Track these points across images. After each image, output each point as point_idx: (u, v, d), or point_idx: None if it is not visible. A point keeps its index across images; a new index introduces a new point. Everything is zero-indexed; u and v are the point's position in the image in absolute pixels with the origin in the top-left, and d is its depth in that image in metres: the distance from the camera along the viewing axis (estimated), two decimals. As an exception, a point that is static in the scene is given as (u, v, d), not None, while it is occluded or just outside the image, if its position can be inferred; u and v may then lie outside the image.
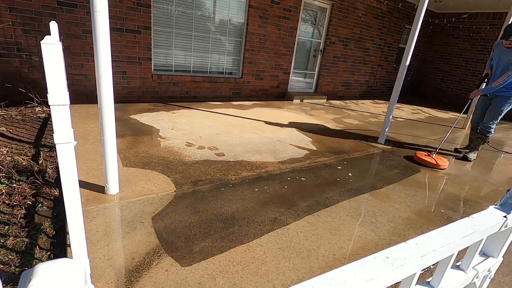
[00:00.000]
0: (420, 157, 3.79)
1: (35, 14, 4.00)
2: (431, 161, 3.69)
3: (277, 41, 6.54)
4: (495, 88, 3.68)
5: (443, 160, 3.76)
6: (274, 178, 2.87)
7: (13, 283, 1.49)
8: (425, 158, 3.75)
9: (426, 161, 3.71)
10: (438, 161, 3.68)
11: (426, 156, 3.81)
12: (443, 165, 3.69)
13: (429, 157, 3.77)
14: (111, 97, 2.00)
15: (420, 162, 3.77)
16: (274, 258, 1.80)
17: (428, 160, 3.71)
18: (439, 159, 3.74)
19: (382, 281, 0.55)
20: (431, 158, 3.73)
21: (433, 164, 3.67)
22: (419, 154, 3.87)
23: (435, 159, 3.71)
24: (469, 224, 0.76)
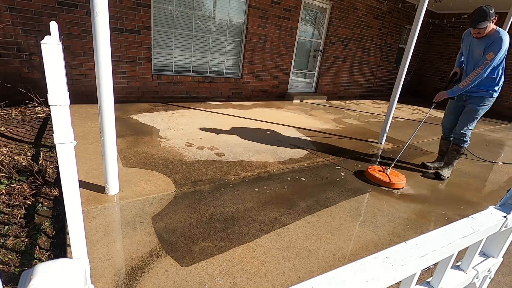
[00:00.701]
0: (372, 173, 3.12)
1: (35, 14, 4.00)
2: (383, 178, 3.01)
3: (277, 41, 6.54)
4: (463, 89, 3.02)
5: (399, 177, 3.10)
6: (274, 178, 2.87)
7: (13, 283, 1.49)
8: (377, 174, 3.09)
9: (378, 179, 3.04)
10: (392, 179, 3.02)
11: (379, 172, 3.14)
12: (399, 183, 3.00)
13: (382, 173, 3.12)
14: (111, 97, 2.00)
15: (371, 180, 3.11)
16: (274, 258, 1.80)
17: (379, 177, 3.04)
18: (394, 176, 3.10)
19: (382, 281, 0.55)
20: (384, 175, 3.07)
21: (386, 182, 2.99)
22: (371, 170, 3.18)
23: (388, 176, 3.05)
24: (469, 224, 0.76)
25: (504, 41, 2.76)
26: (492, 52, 2.78)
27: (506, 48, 2.81)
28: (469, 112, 3.20)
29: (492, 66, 2.85)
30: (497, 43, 2.77)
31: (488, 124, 7.49)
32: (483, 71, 2.86)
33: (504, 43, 2.76)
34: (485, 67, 2.84)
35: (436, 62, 10.41)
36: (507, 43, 2.79)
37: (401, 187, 3.03)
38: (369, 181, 3.09)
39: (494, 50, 2.77)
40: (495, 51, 2.77)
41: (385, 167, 3.19)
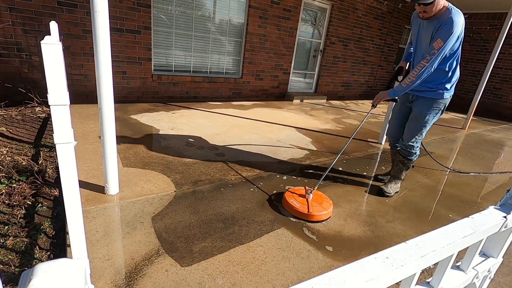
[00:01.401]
0: (288, 199, 2.29)
1: (35, 14, 4.00)
2: (299, 208, 2.20)
3: (277, 41, 6.54)
4: (406, 88, 2.30)
5: (323, 204, 2.28)
6: (274, 178, 2.87)
7: (13, 283, 1.49)
8: (293, 202, 2.26)
9: (293, 209, 2.23)
10: (312, 207, 2.20)
11: (298, 198, 2.32)
12: (319, 215, 2.19)
13: (301, 199, 2.30)
14: (111, 97, 2.00)
15: (287, 210, 2.30)
16: (274, 258, 1.80)
17: (294, 206, 2.22)
18: (316, 202, 2.29)
19: (382, 281, 0.55)
20: (302, 203, 2.25)
21: (303, 214, 2.18)
22: (289, 195, 2.35)
23: (308, 203, 2.24)
24: (469, 225, 0.76)
25: (455, 24, 2.04)
26: (441, 39, 2.08)
27: (458, 33, 2.09)
28: (415, 118, 2.52)
29: (443, 57, 2.15)
30: (446, 28, 2.06)
31: (487, 124, 7.49)
32: (429, 64, 2.16)
33: (456, 25, 2.04)
34: (431, 58, 2.14)
35: (436, 62, 10.39)
36: (461, 26, 2.07)
37: (322, 219, 2.22)
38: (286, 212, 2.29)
39: (442, 37, 2.07)
40: (444, 38, 2.07)
41: (308, 188, 2.41)
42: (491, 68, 5.77)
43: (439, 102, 2.41)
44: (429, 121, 2.48)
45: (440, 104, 2.42)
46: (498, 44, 5.62)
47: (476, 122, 7.45)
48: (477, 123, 7.43)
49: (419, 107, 2.49)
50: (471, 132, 6.25)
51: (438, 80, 2.34)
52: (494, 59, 5.72)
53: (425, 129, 2.52)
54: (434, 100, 2.41)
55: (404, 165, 2.75)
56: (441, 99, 2.40)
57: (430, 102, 2.43)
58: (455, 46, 2.18)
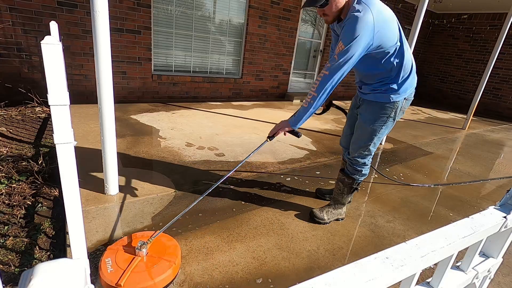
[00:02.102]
0: (102, 264, 1.48)
1: (35, 14, 4.00)
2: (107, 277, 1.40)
3: (277, 42, 6.54)
4: (308, 107, 1.76)
5: (160, 266, 1.50)
6: (274, 179, 2.87)
7: (13, 283, 1.49)
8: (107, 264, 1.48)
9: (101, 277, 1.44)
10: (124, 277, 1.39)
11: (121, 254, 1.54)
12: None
13: (129, 255, 1.54)
14: (111, 97, 2.00)
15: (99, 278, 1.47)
16: (274, 259, 1.80)
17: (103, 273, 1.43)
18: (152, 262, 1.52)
19: (382, 282, 0.55)
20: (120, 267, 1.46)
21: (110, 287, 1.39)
22: (110, 251, 1.56)
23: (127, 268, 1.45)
24: (469, 225, 0.76)
25: (359, 21, 1.54)
26: (342, 42, 1.60)
27: (365, 35, 1.56)
28: (360, 127, 2.03)
29: (349, 67, 1.62)
30: (347, 28, 1.59)
31: (487, 124, 7.49)
32: (330, 73, 1.64)
33: (359, 23, 1.54)
34: (331, 66, 1.63)
35: (436, 62, 10.41)
36: (367, 22, 1.54)
37: None
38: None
39: (343, 39, 1.60)
40: (345, 40, 1.59)
41: (146, 240, 1.58)
42: (491, 68, 5.77)
43: (386, 107, 1.87)
44: (376, 131, 1.94)
45: (388, 110, 1.88)
46: (498, 44, 5.62)
47: (476, 122, 7.46)
48: (477, 123, 7.43)
49: (363, 112, 2.00)
50: (471, 132, 6.26)
51: (382, 81, 1.85)
52: (494, 59, 5.72)
53: (371, 142, 1.98)
54: (379, 104, 1.89)
55: (345, 185, 2.16)
56: (388, 103, 1.86)
57: (375, 106, 1.91)
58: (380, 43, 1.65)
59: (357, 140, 2.05)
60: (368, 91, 1.93)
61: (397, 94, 1.84)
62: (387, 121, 1.92)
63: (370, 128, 1.95)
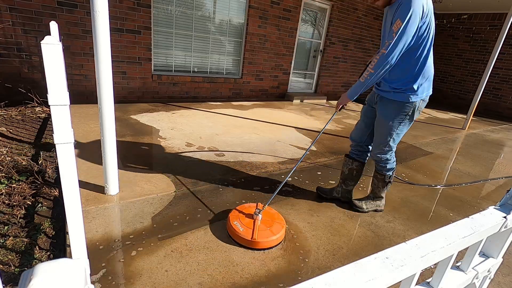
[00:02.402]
0: (231, 221, 1.93)
1: (35, 14, 4.00)
2: (242, 233, 1.84)
3: (277, 42, 6.54)
4: (365, 83, 1.96)
5: (272, 228, 1.92)
6: (274, 179, 2.87)
7: (13, 283, 1.49)
8: (236, 226, 1.89)
9: (236, 235, 1.87)
10: (255, 234, 1.84)
11: (245, 218, 1.97)
12: (265, 242, 1.84)
13: (247, 220, 1.95)
14: (111, 97, 2.00)
15: (230, 235, 1.94)
16: (274, 259, 1.80)
17: (237, 232, 1.86)
18: (264, 226, 1.93)
19: (382, 282, 0.55)
20: (248, 224, 1.91)
21: (247, 241, 1.83)
22: (233, 216, 1.99)
23: (254, 227, 1.89)
24: (469, 225, 0.76)
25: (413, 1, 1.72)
26: (399, 19, 1.75)
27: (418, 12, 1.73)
28: (379, 123, 2.15)
29: (405, 45, 1.79)
30: (403, 6, 1.74)
31: (487, 124, 7.50)
32: (387, 52, 1.80)
33: (414, 2, 1.72)
34: (390, 43, 1.79)
35: (436, 62, 10.40)
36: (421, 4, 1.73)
37: (269, 247, 1.87)
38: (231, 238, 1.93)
39: (401, 16, 1.75)
40: (402, 17, 1.74)
41: (259, 206, 2.04)
42: (491, 68, 5.78)
43: (406, 105, 2.00)
44: (394, 128, 2.07)
45: (407, 108, 2.01)
46: (498, 45, 5.62)
47: (476, 122, 7.46)
48: (477, 123, 7.43)
49: (382, 109, 2.11)
50: (471, 132, 6.26)
51: (403, 79, 1.97)
52: (494, 59, 5.72)
53: (390, 138, 2.10)
54: (398, 103, 2.01)
55: (378, 181, 2.35)
56: (407, 102, 1.99)
57: (394, 104, 2.04)
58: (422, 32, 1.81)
59: (378, 137, 2.20)
60: (388, 89, 2.04)
61: (415, 95, 1.97)
62: (405, 119, 2.06)
63: (389, 125, 2.08)
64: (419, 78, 1.94)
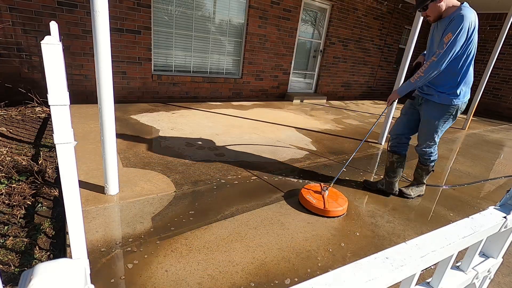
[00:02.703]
0: (304, 195, 2.42)
1: (35, 14, 4.00)
2: (315, 204, 2.32)
3: (277, 42, 6.54)
4: (414, 84, 2.29)
5: (338, 201, 2.40)
6: (274, 179, 2.87)
7: (13, 283, 1.49)
8: (310, 197, 2.39)
9: (309, 204, 2.36)
10: (327, 204, 2.32)
11: (314, 193, 2.46)
12: (335, 211, 2.31)
13: (317, 195, 2.43)
14: (111, 97, 2.00)
15: (303, 205, 2.42)
16: (274, 259, 1.80)
17: (310, 202, 2.35)
18: (331, 199, 2.41)
19: (382, 282, 0.55)
20: (319, 198, 2.39)
21: (318, 209, 2.31)
22: (305, 191, 2.48)
23: (324, 199, 2.36)
24: (469, 225, 0.76)
25: (465, 18, 2.03)
26: (450, 32, 2.07)
27: (468, 27, 2.06)
28: (425, 123, 2.48)
29: (453, 54, 2.11)
30: (455, 21, 2.06)
31: (487, 125, 7.49)
32: (438, 60, 2.13)
33: (466, 19, 2.03)
34: (440, 53, 2.12)
35: (436, 62, 10.40)
36: (470, 21, 2.05)
37: (338, 215, 2.34)
38: (303, 207, 2.40)
39: (452, 30, 2.07)
40: (453, 31, 2.06)
41: (324, 185, 2.52)
42: (491, 69, 5.78)
43: (449, 107, 2.31)
44: (439, 127, 2.40)
45: (451, 109, 2.32)
46: (498, 45, 5.62)
47: (476, 123, 7.46)
48: (477, 123, 7.43)
49: (427, 111, 2.43)
50: (471, 133, 6.26)
51: (447, 84, 2.27)
52: (494, 59, 5.73)
53: (436, 134, 2.45)
54: (442, 105, 2.32)
55: (423, 170, 2.74)
56: (450, 105, 2.30)
57: (438, 107, 2.34)
58: (467, 45, 2.14)
59: (424, 134, 2.51)
60: (434, 92, 2.35)
61: (458, 99, 2.30)
62: (449, 119, 2.37)
63: (435, 124, 2.41)
64: (461, 84, 2.27)
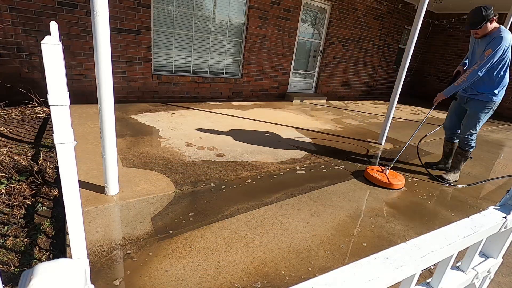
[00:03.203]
0: (370, 173, 3.13)
1: (35, 14, 4.00)
2: (381, 179, 3.03)
3: (277, 42, 6.54)
4: (458, 87, 3.01)
5: (398, 178, 3.10)
6: (274, 179, 2.87)
7: (13, 283, 1.49)
8: (375, 174, 3.10)
9: (376, 179, 3.05)
10: (391, 179, 3.03)
11: (377, 172, 3.15)
12: (397, 184, 3.01)
13: (381, 173, 3.12)
14: (111, 97, 2.00)
15: (370, 180, 3.12)
16: (273, 259, 1.80)
17: (377, 177, 3.05)
18: (392, 176, 3.10)
19: (382, 282, 0.55)
20: (383, 175, 3.08)
21: (384, 183, 3.01)
22: (370, 170, 3.20)
23: (387, 176, 3.07)
24: (469, 225, 0.76)
25: (504, 38, 2.74)
26: (491, 49, 2.78)
27: (505, 46, 2.77)
28: (470, 116, 3.16)
29: (490, 65, 2.81)
30: (496, 40, 2.76)
31: (487, 125, 7.49)
32: (478, 68, 2.83)
33: (504, 40, 2.74)
34: (480, 63, 2.82)
35: (436, 62, 10.41)
36: (507, 41, 2.76)
37: (399, 188, 3.04)
38: (368, 182, 3.10)
39: (492, 46, 2.77)
40: (493, 48, 2.76)
41: (383, 168, 3.15)
42: (491, 69, 5.77)
43: (489, 103, 3.03)
44: (481, 118, 3.09)
45: (491, 104, 3.03)
46: (498, 45, 5.61)
47: (476, 123, 7.44)
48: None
49: (472, 107, 3.13)
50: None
51: (487, 87, 2.99)
52: (494, 59, 5.71)
53: (478, 124, 3.12)
54: (485, 103, 3.04)
55: (462, 156, 3.31)
56: (490, 101, 3.02)
57: (481, 103, 3.06)
58: (503, 58, 2.84)
59: (468, 125, 3.19)
60: (476, 93, 3.06)
61: (496, 97, 3.01)
62: (489, 112, 3.08)
63: (478, 116, 3.10)
64: (498, 87, 2.97)
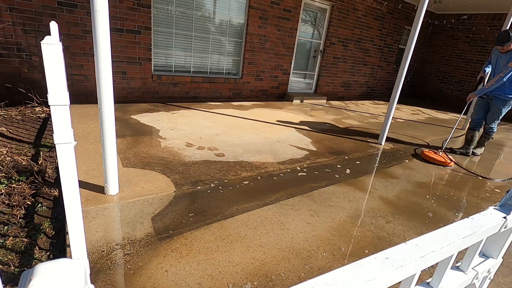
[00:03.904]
0: (429, 155, 4.00)
1: (35, 14, 4.00)
2: (440, 159, 3.90)
3: (277, 42, 6.54)
4: (488, 89, 3.95)
5: (449, 157, 4.02)
6: (274, 179, 2.87)
7: (13, 283, 1.49)
8: (434, 156, 3.97)
9: (435, 159, 3.90)
10: (446, 159, 3.91)
11: (435, 154, 4.02)
12: (451, 162, 3.92)
13: (437, 155, 4.01)
14: (111, 97, 2.00)
15: (428, 160, 3.96)
16: (273, 259, 1.80)
17: (437, 158, 3.92)
18: (446, 157, 3.99)
19: (382, 282, 0.55)
20: (440, 156, 3.97)
21: (443, 162, 3.87)
22: (427, 152, 4.07)
23: (443, 157, 3.95)
24: (469, 225, 0.76)
25: None
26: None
27: None
28: (494, 110, 4.18)
29: None
30: None
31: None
32: (504, 75, 3.79)
33: None
34: (506, 72, 3.76)
35: (436, 63, 10.41)
36: None
37: (452, 165, 3.92)
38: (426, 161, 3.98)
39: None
40: None
41: (436, 151, 4.15)
42: (491, 69, 5.76)
43: (510, 101, 4.03)
44: (502, 111, 4.12)
45: (510, 102, 4.02)
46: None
47: (476, 123, 7.45)
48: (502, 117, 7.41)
49: (497, 103, 4.12)
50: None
51: (508, 90, 3.94)
52: (494, 59, 5.71)
53: (500, 116, 4.17)
54: (506, 101, 4.03)
55: (486, 138, 4.52)
56: (509, 100, 4.01)
57: (504, 101, 4.05)
58: None
59: (493, 117, 4.25)
60: (501, 93, 4.00)
61: None
62: (508, 107, 4.09)
63: (500, 111, 4.14)
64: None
